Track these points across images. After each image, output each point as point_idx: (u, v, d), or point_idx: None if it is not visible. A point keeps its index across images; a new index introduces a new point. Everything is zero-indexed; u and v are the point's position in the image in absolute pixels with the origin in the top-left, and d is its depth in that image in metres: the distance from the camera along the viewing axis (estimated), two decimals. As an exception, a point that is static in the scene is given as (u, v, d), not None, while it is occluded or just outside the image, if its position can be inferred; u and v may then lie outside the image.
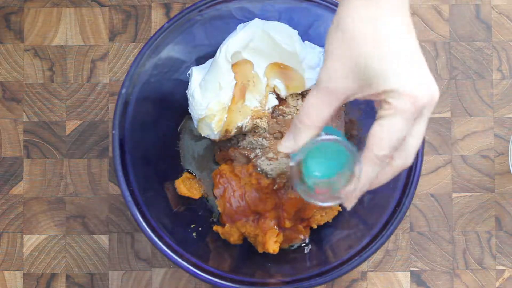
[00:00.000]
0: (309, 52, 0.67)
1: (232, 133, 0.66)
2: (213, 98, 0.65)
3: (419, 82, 0.49)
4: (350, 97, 0.50)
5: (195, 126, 0.67)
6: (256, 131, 0.66)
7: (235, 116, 0.66)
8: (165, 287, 0.72)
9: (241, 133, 0.67)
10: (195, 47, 0.68)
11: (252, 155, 0.66)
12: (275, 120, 0.66)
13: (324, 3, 0.64)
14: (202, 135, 0.67)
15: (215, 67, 0.65)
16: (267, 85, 0.66)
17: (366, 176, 0.50)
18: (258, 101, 0.66)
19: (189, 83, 0.67)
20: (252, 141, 0.66)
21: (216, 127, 0.65)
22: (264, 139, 0.66)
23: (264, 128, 0.66)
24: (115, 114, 0.64)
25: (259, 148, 0.66)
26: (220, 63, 0.65)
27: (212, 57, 0.67)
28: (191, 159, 0.71)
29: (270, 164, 0.64)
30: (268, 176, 0.64)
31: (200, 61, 0.69)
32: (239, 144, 0.67)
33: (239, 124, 0.66)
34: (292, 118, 0.66)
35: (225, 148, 0.69)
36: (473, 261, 0.72)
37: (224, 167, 0.68)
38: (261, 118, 0.66)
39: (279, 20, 0.67)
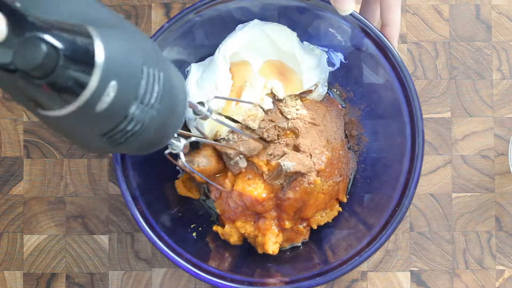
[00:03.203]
0: (308, 54, 0.67)
1: (223, 135, 0.66)
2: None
3: None
4: None
5: (187, 123, 0.67)
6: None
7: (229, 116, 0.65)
8: (165, 287, 0.72)
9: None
10: (195, 47, 0.68)
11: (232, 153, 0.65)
12: (271, 121, 0.66)
13: (323, 2, 0.64)
14: (193, 132, 0.66)
15: (213, 67, 0.65)
16: (264, 87, 0.66)
17: None
18: (254, 102, 0.66)
19: (187, 79, 0.66)
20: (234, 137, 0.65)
21: (208, 127, 0.65)
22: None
23: (254, 130, 0.65)
24: (115, 114, 0.64)
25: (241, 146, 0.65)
26: (218, 63, 0.65)
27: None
28: (191, 159, 0.71)
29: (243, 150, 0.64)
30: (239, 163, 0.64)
31: (200, 61, 0.69)
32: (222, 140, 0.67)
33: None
34: (292, 118, 0.66)
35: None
36: (473, 261, 0.72)
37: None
38: (253, 120, 0.65)
39: (278, 19, 0.67)
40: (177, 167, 0.69)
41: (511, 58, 0.73)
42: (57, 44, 0.37)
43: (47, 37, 0.37)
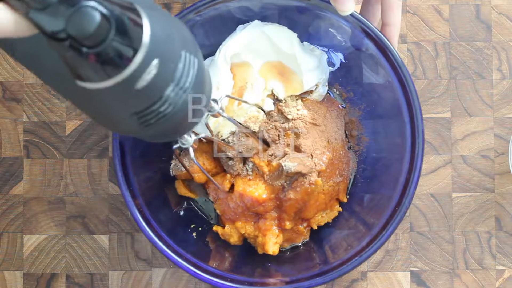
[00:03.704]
0: (308, 55, 0.67)
1: (225, 136, 0.66)
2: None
3: None
4: None
5: None
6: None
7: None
8: (165, 287, 0.72)
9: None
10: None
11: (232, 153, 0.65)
12: (273, 122, 0.66)
13: (323, 2, 0.64)
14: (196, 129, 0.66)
15: (213, 67, 0.65)
16: (265, 88, 0.66)
17: None
18: (255, 103, 0.66)
19: None
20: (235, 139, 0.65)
21: (211, 127, 0.65)
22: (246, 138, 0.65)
23: (254, 132, 0.65)
24: (115, 114, 0.64)
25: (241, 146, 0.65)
26: (219, 64, 0.65)
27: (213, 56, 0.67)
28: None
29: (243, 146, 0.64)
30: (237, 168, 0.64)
31: (200, 61, 0.69)
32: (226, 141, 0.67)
33: (233, 129, 0.65)
34: (293, 118, 0.66)
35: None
36: (473, 261, 0.72)
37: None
38: (254, 122, 0.65)
39: (278, 19, 0.67)
40: (171, 171, 0.69)
41: (511, 58, 0.73)
42: (110, 15, 0.38)
43: (101, 7, 0.38)
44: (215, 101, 0.56)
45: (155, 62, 0.40)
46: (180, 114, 0.44)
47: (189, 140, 0.55)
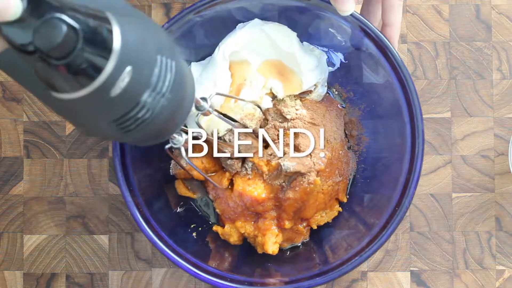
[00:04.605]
0: (308, 54, 0.67)
1: (221, 134, 0.65)
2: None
3: None
4: None
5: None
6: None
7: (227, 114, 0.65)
8: (165, 287, 0.72)
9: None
10: (195, 47, 0.68)
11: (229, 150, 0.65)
12: (270, 121, 0.66)
13: (324, 2, 0.64)
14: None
15: (212, 64, 0.65)
16: (263, 86, 0.66)
17: None
18: (251, 100, 0.66)
19: None
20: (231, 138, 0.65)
21: (204, 125, 0.65)
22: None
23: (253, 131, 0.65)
24: (115, 114, 0.64)
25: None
26: (218, 61, 0.65)
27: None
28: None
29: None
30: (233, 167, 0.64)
31: (200, 61, 0.69)
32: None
33: (230, 126, 0.65)
34: (292, 118, 0.66)
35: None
36: (473, 261, 0.72)
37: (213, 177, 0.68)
38: (251, 120, 0.65)
39: (278, 19, 0.67)
40: (171, 170, 0.69)
41: (511, 58, 0.73)
42: (77, 25, 0.38)
43: (67, 19, 0.38)
44: (204, 99, 0.56)
45: (128, 69, 0.40)
46: (160, 118, 0.44)
47: (180, 139, 0.55)
